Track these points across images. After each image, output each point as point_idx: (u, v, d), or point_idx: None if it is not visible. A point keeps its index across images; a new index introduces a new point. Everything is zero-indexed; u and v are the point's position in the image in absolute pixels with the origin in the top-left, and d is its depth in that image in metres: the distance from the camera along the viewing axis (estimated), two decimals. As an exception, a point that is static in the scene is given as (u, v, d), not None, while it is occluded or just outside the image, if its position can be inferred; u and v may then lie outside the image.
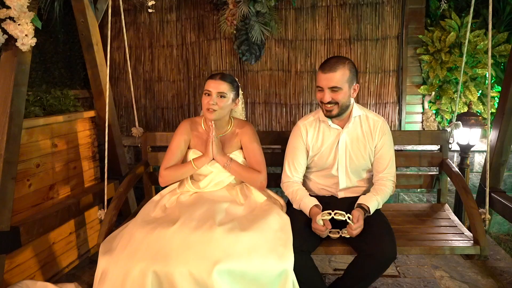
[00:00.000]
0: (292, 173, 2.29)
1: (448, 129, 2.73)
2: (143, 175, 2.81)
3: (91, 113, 3.12)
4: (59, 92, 2.97)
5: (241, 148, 2.37)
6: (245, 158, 2.36)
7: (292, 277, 1.86)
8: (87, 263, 3.01)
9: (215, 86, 2.21)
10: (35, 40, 2.04)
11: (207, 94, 2.23)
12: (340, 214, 1.98)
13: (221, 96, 2.21)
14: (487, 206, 2.34)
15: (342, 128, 2.22)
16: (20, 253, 2.42)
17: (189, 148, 2.38)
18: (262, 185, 2.30)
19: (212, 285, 1.72)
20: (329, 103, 2.10)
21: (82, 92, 3.74)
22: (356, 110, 2.22)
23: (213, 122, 2.22)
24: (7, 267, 2.29)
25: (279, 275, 1.83)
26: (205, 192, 2.30)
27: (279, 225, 2.04)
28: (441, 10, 3.67)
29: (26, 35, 1.99)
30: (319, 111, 2.29)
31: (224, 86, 2.22)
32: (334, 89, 2.07)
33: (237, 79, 2.38)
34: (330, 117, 2.17)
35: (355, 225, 1.98)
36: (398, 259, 2.99)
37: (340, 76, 2.05)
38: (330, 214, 1.99)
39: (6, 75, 2.08)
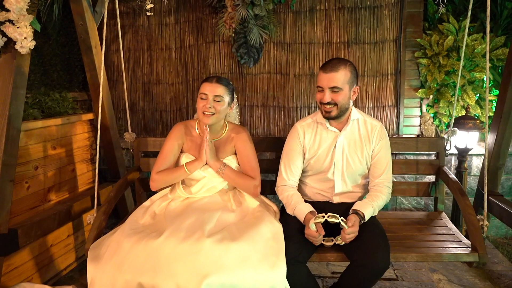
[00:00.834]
0: (288, 176, 2.26)
1: (445, 136, 2.72)
2: (135, 182, 2.77)
3: (90, 116, 3.12)
4: (58, 94, 2.97)
5: (235, 154, 2.33)
6: (238, 164, 2.32)
7: (286, 286, 1.83)
8: (85, 266, 2.99)
9: (212, 89, 2.17)
10: (34, 43, 2.04)
11: (202, 98, 2.18)
12: (334, 216, 1.96)
13: (217, 100, 2.17)
14: (485, 213, 2.32)
15: (340, 131, 2.21)
16: (18, 255, 2.41)
17: (182, 152, 2.33)
18: (256, 191, 2.25)
19: None
20: (328, 103, 2.09)
21: (81, 95, 3.74)
22: (355, 113, 2.22)
23: (207, 126, 2.17)
24: (4, 269, 2.29)
25: (271, 286, 1.78)
26: (195, 200, 2.23)
27: (271, 234, 1.98)
28: (439, 14, 3.69)
29: (25, 38, 1.99)
30: (317, 113, 2.28)
31: (220, 89, 2.18)
32: (334, 89, 2.06)
33: (232, 82, 2.35)
34: (329, 118, 2.16)
35: (349, 230, 1.95)
36: (396, 262, 2.98)
37: (341, 76, 2.05)
38: (323, 217, 1.96)
39: (5, 78, 2.08)
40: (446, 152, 2.71)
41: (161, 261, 1.76)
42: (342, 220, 1.96)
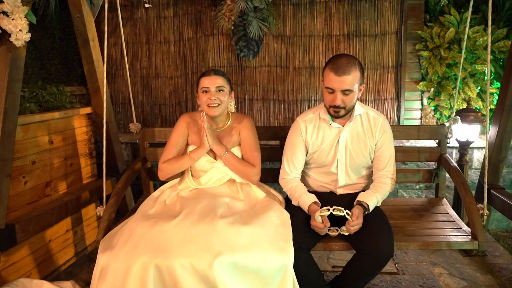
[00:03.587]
0: (291, 169, 2.27)
1: (447, 124, 2.71)
2: (141, 171, 2.80)
3: (88, 110, 3.09)
4: (55, 88, 2.94)
5: (239, 145, 2.34)
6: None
7: (292, 272, 1.85)
8: (84, 261, 3.00)
9: (212, 82, 2.20)
10: (29, 35, 2.01)
11: (205, 92, 2.21)
12: (339, 210, 1.98)
13: (220, 90, 2.21)
14: (485, 201, 2.34)
15: (343, 126, 2.19)
16: (16, 250, 2.40)
17: (187, 144, 2.36)
18: (255, 179, 2.28)
19: (213, 277, 1.72)
20: (338, 106, 2.05)
21: (79, 89, 3.71)
22: (358, 108, 2.19)
23: (204, 113, 2.18)
24: (2, 265, 2.27)
25: (279, 269, 1.82)
26: (205, 188, 2.29)
27: (280, 221, 2.04)
28: (440, 6, 3.65)
29: (20, 30, 1.96)
30: (319, 108, 2.26)
31: (220, 80, 2.22)
32: (346, 92, 2.02)
33: (231, 75, 2.37)
34: (337, 117, 2.14)
35: (354, 222, 1.97)
36: (397, 255, 2.98)
37: (352, 78, 2.00)
38: (328, 210, 1.99)
39: (0, 71, 2.05)
40: (448, 139, 2.70)
41: (175, 243, 1.81)
42: (347, 213, 1.98)
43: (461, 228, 2.30)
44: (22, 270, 2.46)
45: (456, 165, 2.54)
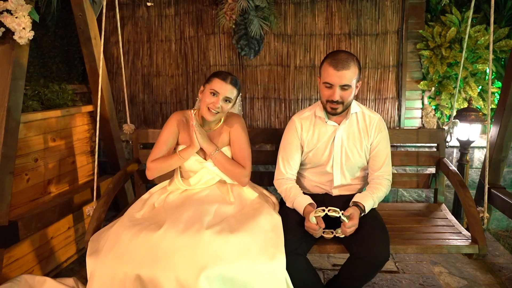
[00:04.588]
0: (286, 169, 2.23)
1: (446, 127, 2.70)
2: (134, 174, 2.77)
3: (89, 108, 3.11)
4: (57, 86, 2.95)
5: (230, 145, 2.30)
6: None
7: (285, 277, 1.82)
8: (85, 258, 3.00)
9: (224, 90, 2.13)
10: (32, 33, 2.02)
11: (213, 94, 2.14)
12: (334, 211, 1.93)
13: (227, 100, 2.15)
14: (485, 205, 2.31)
15: (339, 125, 2.18)
16: (19, 247, 2.41)
17: (178, 144, 2.31)
18: (245, 181, 2.23)
19: None
20: (336, 101, 2.05)
21: (80, 87, 3.72)
22: (354, 106, 2.19)
23: (193, 112, 2.15)
24: (5, 261, 2.29)
25: (270, 277, 1.78)
26: (194, 192, 2.22)
27: (270, 225, 1.98)
28: (441, 5, 3.65)
29: (23, 28, 1.97)
30: (315, 106, 2.25)
31: (233, 92, 2.16)
32: (344, 87, 2.01)
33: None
34: (335, 114, 2.13)
35: (349, 223, 1.93)
36: (397, 254, 2.98)
37: (351, 74, 2.00)
38: (323, 210, 1.94)
39: (3, 69, 2.06)
40: (447, 143, 2.70)
41: (160, 254, 1.76)
42: (342, 214, 1.94)
43: (461, 233, 2.27)
44: (25, 266, 2.47)
45: (456, 169, 2.52)
